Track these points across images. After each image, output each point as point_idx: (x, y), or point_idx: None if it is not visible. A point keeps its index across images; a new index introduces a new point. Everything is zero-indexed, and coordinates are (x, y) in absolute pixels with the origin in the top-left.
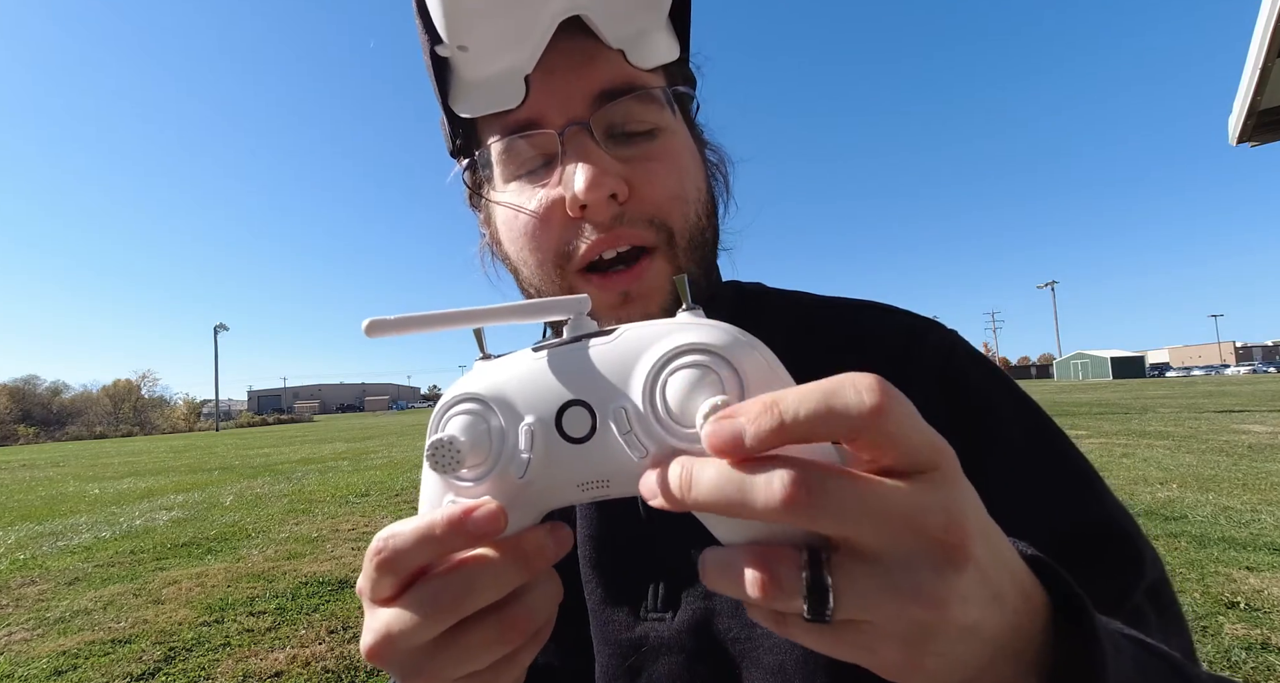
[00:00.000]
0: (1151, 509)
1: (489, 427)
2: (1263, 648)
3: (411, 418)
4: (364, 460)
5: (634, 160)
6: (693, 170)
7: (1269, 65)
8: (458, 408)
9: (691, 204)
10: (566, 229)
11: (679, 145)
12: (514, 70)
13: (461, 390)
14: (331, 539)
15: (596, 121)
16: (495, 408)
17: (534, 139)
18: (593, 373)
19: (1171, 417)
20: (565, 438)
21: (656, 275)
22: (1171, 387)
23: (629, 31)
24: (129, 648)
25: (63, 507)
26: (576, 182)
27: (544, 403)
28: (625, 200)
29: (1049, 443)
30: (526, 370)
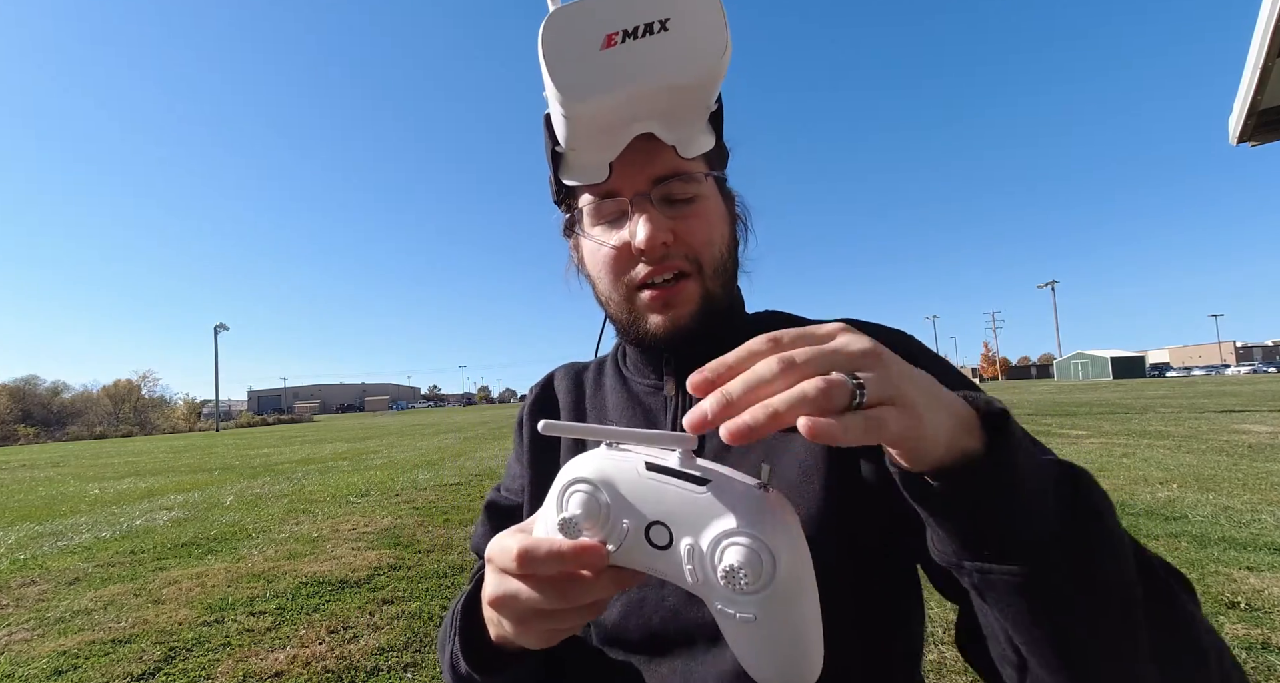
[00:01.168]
0: (1151, 509)
1: (599, 506)
2: (1263, 648)
3: (411, 418)
4: (364, 460)
5: (679, 218)
6: (719, 224)
7: (1269, 65)
8: (580, 488)
9: (717, 247)
10: (631, 261)
11: (710, 208)
12: (603, 161)
13: (585, 475)
14: (331, 539)
15: (655, 194)
16: (607, 496)
17: (613, 202)
18: (680, 510)
19: (1172, 417)
20: (649, 542)
21: (688, 293)
22: (1171, 387)
23: (679, 136)
24: (129, 648)
25: (63, 507)
26: (640, 233)
27: (643, 513)
28: (671, 245)
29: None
30: (636, 483)
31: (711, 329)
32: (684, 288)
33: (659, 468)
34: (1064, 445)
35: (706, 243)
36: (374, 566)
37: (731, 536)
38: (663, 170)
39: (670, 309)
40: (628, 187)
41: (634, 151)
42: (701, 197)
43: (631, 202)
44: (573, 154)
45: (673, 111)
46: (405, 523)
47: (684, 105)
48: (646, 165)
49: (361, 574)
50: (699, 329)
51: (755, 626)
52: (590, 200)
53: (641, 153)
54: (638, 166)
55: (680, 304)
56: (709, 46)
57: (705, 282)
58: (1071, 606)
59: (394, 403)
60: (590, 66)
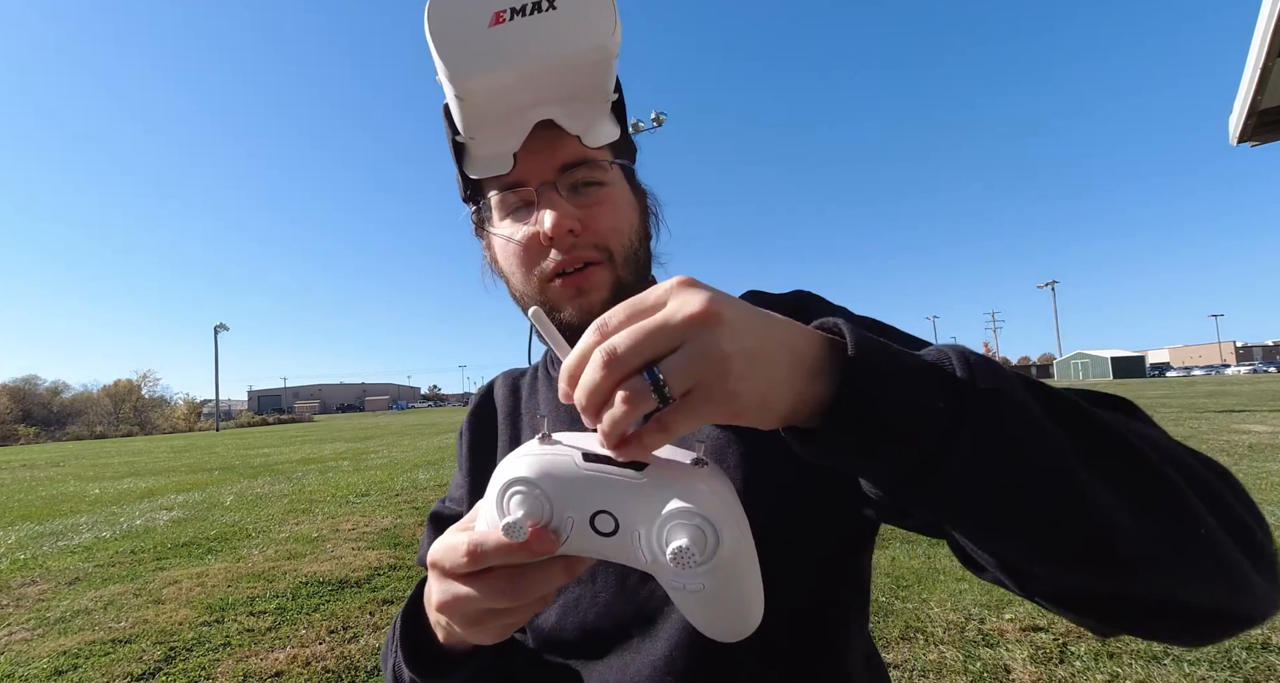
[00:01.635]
0: None
1: (540, 506)
2: (1263, 648)
3: (412, 418)
4: (364, 460)
5: (586, 205)
6: (628, 213)
7: (1269, 65)
8: (519, 489)
9: (626, 235)
10: (540, 252)
11: (618, 196)
12: (506, 151)
13: (522, 474)
14: (332, 539)
15: (561, 182)
16: (548, 494)
17: (518, 193)
18: (622, 496)
19: (1172, 417)
20: (595, 531)
21: (599, 279)
22: (1172, 387)
23: (582, 124)
24: (129, 648)
25: (63, 507)
26: (545, 221)
27: (584, 505)
28: (580, 233)
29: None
30: (575, 475)
31: None
32: (594, 274)
33: (595, 457)
34: None
35: (614, 230)
36: (374, 566)
37: (674, 517)
38: (568, 158)
39: (582, 296)
40: (533, 176)
41: (537, 141)
42: (609, 185)
43: (537, 190)
44: (474, 144)
45: (571, 96)
46: (405, 523)
47: (581, 89)
48: (551, 154)
49: (361, 574)
50: None
51: (704, 593)
52: (496, 193)
53: (545, 142)
54: (542, 155)
55: (591, 290)
56: (598, 24)
57: (616, 269)
58: (998, 495)
59: (394, 403)
60: (478, 43)
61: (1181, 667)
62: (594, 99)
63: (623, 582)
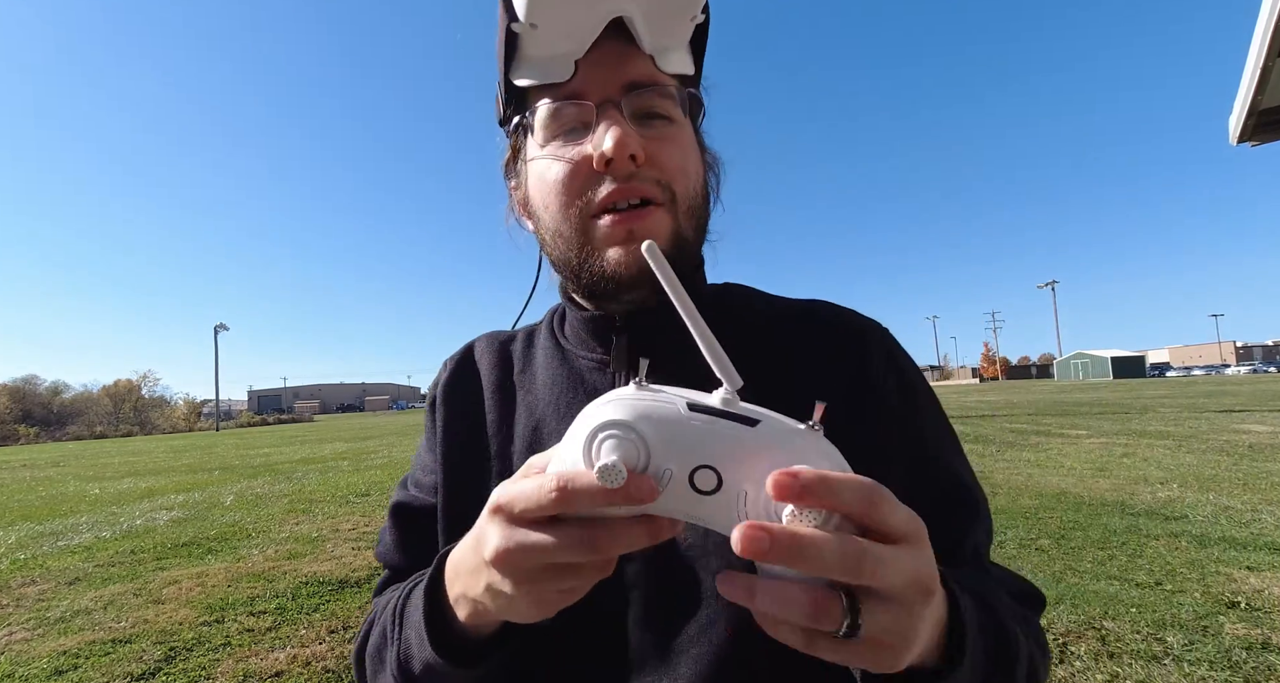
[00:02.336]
0: (1152, 509)
1: (639, 454)
2: (1263, 648)
3: (412, 418)
4: (364, 460)
5: (651, 138)
6: (694, 156)
7: (1269, 65)
8: (613, 432)
9: (692, 179)
10: (590, 180)
11: (686, 136)
12: (568, 53)
13: (618, 417)
14: (332, 539)
15: (627, 103)
16: (647, 441)
17: (576, 108)
18: (731, 451)
19: (1172, 417)
20: (693, 488)
21: (658, 223)
22: (1172, 387)
23: (660, 44)
24: (129, 648)
25: (63, 507)
26: (606, 141)
27: (686, 457)
28: (642, 163)
29: (943, 416)
30: (678, 423)
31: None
32: (652, 216)
33: (704, 408)
34: (1064, 445)
35: (680, 170)
36: (374, 566)
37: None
38: (637, 75)
39: (633, 241)
40: (595, 90)
41: (604, 52)
42: (678, 123)
43: (598, 107)
44: (532, 38)
45: (654, 3)
46: None
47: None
48: (618, 68)
49: (361, 574)
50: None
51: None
52: (548, 104)
53: (613, 54)
54: (609, 68)
55: (646, 235)
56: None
57: (678, 217)
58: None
59: (394, 403)
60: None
61: (1181, 667)
62: (679, 12)
63: (647, 605)
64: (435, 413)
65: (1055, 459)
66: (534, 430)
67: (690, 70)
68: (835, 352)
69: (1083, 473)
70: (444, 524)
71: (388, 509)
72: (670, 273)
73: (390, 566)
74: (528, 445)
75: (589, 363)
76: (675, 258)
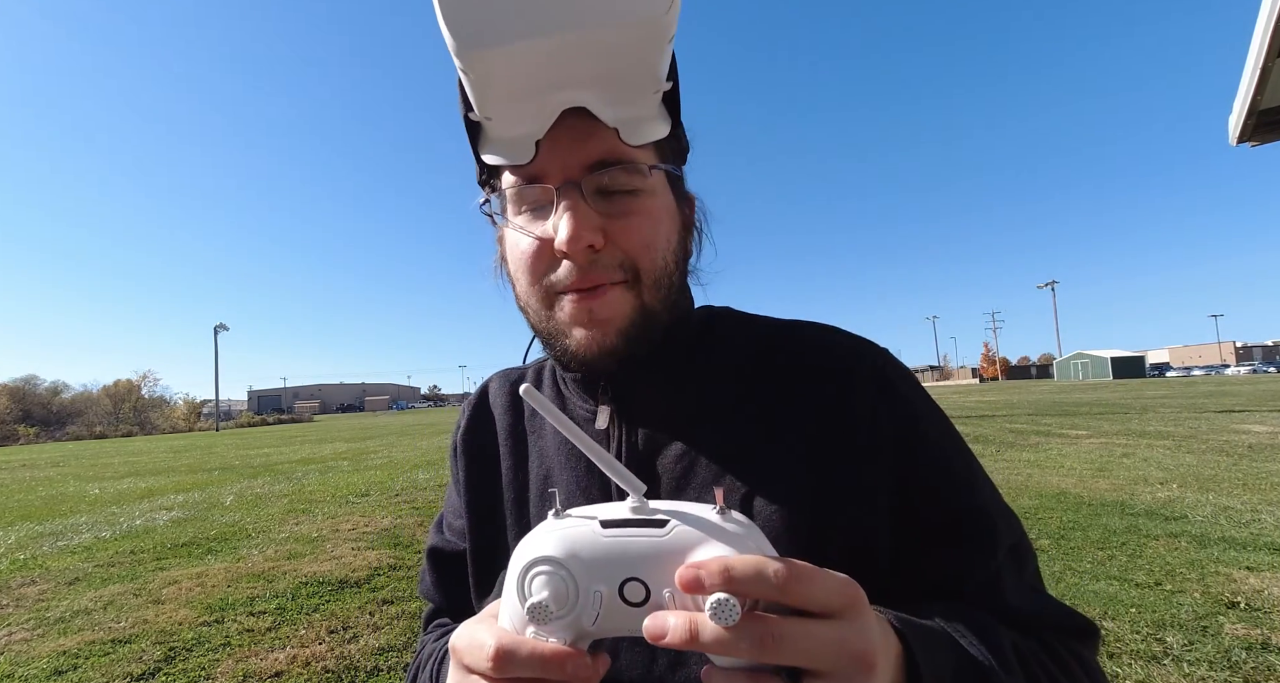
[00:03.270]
0: (1151, 509)
1: (566, 586)
2: (1263, 648)
3: (411, 418)
4: (364, 460)
5: (614, 215)
6: (665, 226)
7: (1269, 65)
8: (541, 569)
9: (660, 252)
10: (552, 262)
11: (656, 205)
12: (528, 135)
13: (543, 554)
14: (331, 539)
15: (587, 183)
16: (571, 572)
17: (537, 189)
18: (649, 559)
19: (1172, 417)
20: (625, 602)
21: (618, 303)
22: (1171, 387)
23: (622, 115)
24: (129, 648)
25: (63, 507)
26: (560, 233)
27: (611, 575)
28: (601, 248)
29: (952, 440)
30: (597, 545)
31: (649, 348)
32: (611, 296)
33: (615, 522)
34: (1064, 446)
35: (646, 247)
36: (374, 566)
37: None
38: (599, 155)
39: (595, 324)
40: (555, 171)
41: (567, 129)
42: (647, 192)
43: (558, 190)
44: (490, 125)
45: (609, 81)
46: (405, 523)
47: (622, 73)
48: (580, 148)
49: (361, 574)
50: (629, 349)
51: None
52: (513, 183)
53: (576, 132)
54: (569, 148)
55: (607, 317)
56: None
57: (642, 293)
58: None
59: (394, 403)
60: (494, 7)
61: (1181, 667)
62: (640, 85)
63: (650, 666)
64: (456, 460)
65: (1055, 459)
66: (545, 478)
67: (663, 133)
68: (815, 387)
69: (1082, 473)
70: (473, 569)
71: (425, 551)
72: (552, 408)
73: (432, 601)
74: (540, 493)
75: (585, 413)
76: (641, 330)
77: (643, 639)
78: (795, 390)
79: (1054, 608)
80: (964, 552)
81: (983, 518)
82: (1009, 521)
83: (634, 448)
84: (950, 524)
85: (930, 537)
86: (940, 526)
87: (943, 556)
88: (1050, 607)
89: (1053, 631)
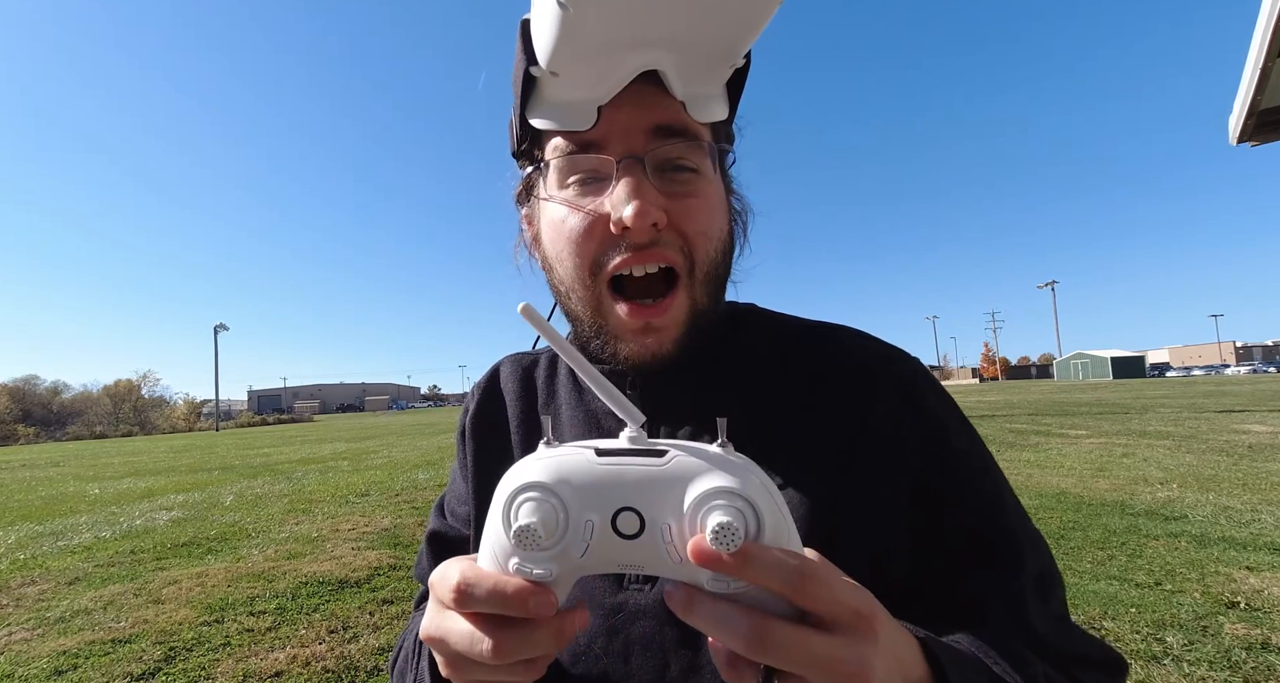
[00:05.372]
0: (1151, 509)
1: (555, 513)
2: (1263, 648)
3: (411, 418)
4: (364, 460)
5: (675, 195)
6: (719, 214)
7: (1269, 65)
8: (529, 494)
9: (714, 241)
10: (605, 242)
11: (713, 190)
12: (591, 100)
13: (532, 479)
14: (331, 539)
15: (651, 157)
16: (562, 498)
17: (595, 160)
18: (645, 488)
19: (1172, 417)
20: (617, 534)
21: (676, 312)
22: (1171, 387)
23: (692, 91)
24: (129, 648)
25: (63, 507)
26: (627, 208)
27: (604, 504)
28: (662, 228)
29: (980, 457)
30: (591, 473)
31: (692, 353)
32: (671, 304)
33: (612, 451)
34: (1064, 445)
35: (704, 233)
36: (374, 566)
37: (708, 499)
38: (665, 120)
39: (651, 334)
40: (617, 140)
41: (631, 96)
42: (705, 175)
43: (619, 163)
44: (552, 82)
45: (693, 49)
46: (405, 523)
47: (710, 42)
48: (645, 113)
49: (361, 574)
50: (681, 357)
51: (750, 593)
52: (563, 150)
53: (641, 100)
54: (634, 113)
55: (665, 327)
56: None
57: (694, 289)
58: None
59: (394, 403)
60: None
61: (1181, 667)
62: (718, 59)
63: (662, 672)
64: (465, 444)
65: (1055, 459)
66: None
67: (725, 115)
68: (841, 392)
69: (1082, 473)
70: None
71: (425, 534)
72: (552, 331)
73: (426, 584)
74: None
75: (606, 407)
76: (692, 334)
77: (655, 646)
78: (821, 395)
79: (1081, 639)
80: (988, 574)
81: (1010, 540)
82: (1037, 545)
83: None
84: (974, 544)
85: (953, 556)
86: (965, 545)
87: (966, 576)
88: (1077, 638)
89: (1079, 662)
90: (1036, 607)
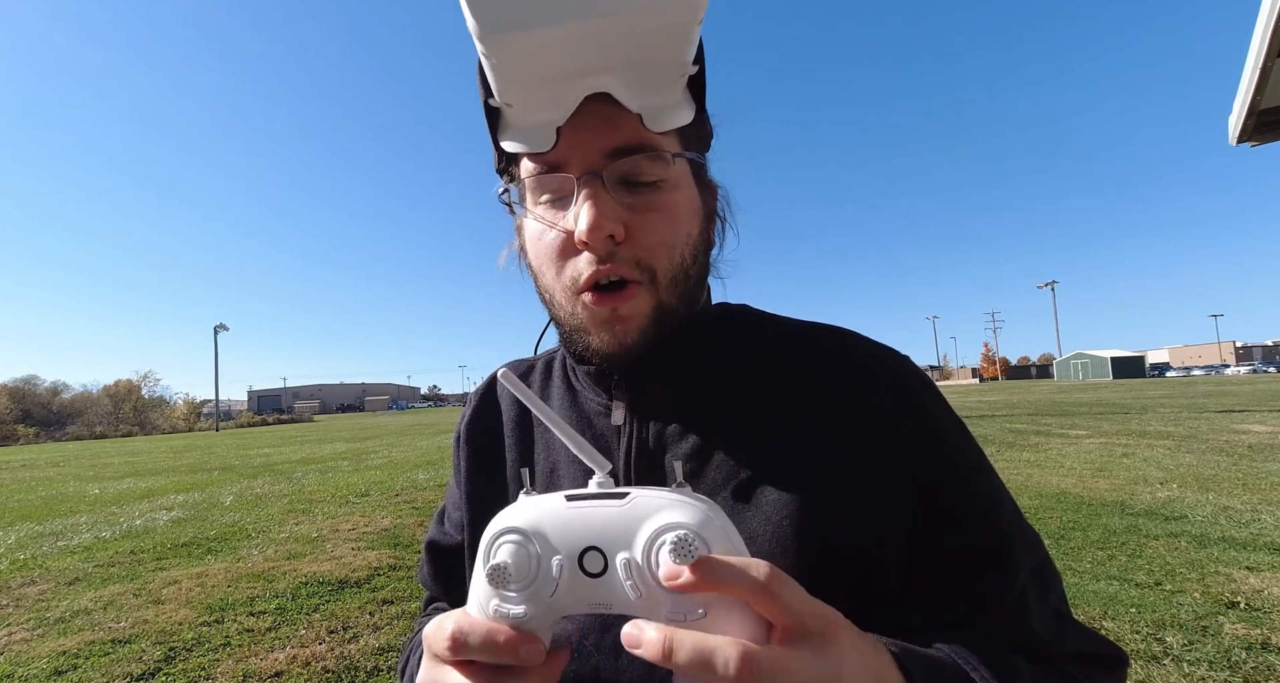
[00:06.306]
0: (1151, 509)
1: (529, 555)
2: (1263, 648)
3: (411, 418)
4: (364, 460)
5: (636, 208)
6: (686, 220)
7: (1269, 65)
8: (507, 538)
9: (679, 249)
10: (574, 253)
11: (678, 198)
12: (549, 122)
13: (510, 524)
14: (331, 539)
15: (609, 172)
16: (534, 541)
17: (557, 179)
18: (608, 528)
19: (1171, 417)
20: (584, 572)
21: (639, 304)
22: (1171, 387)
23: (646, 101)
24: (129, 648)
25: (63, 507)
26: (580, 223)
27: (571, 544)
28: (621, 241)
29: (974, 456)
30: (560, 516)
31: (665, 345)
32: (633, 294)
33: (579, 496)
34: (1064, 446)
35: (664, 245)
36: (374, 566)
37: (661, 532)
38: (621, 141)
39: (617, 322)
40: (576, 159)
41: (589, 116)
42: (669, 184)
43: (579, 180)
44: (510, 111)
45: (636, 66)
46: (405, 523)
47: (650, 58)
48: (602, 135)
49: (361, 574)
50: (649, 348)
51: (709, 620)
52: (531, 171)
53: (597, 118)
54: (591, 136)
55: (629, 317)
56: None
57: (658, 293)
58: None
59: (394, 403)
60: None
61: (1181, 667)
62: (666, 70)
63: (651, 669)
64: (460, 450)
65: (1055, 459)
66: (551, 472)
67: (688, 119)
68: (832, 392)
69: (1082, 473)
70: (469, 562)
71: (424, 542)
72: (528, 392)
73: (430, 590)
74: (545, 488)
75: (597, 407)
76: (659, 327)
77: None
78: (811, 395)
79: (1079, 635)
80: (984, 574)
81: (1005, 539)
82: (1032, 542)
83: (644, 444)
84: (970, 545)
85: (949, 557)
86: (960, 546)
87: (962, 578)
88: (1076, 633)
89: (1077, 659)
90: (1033, 605)
